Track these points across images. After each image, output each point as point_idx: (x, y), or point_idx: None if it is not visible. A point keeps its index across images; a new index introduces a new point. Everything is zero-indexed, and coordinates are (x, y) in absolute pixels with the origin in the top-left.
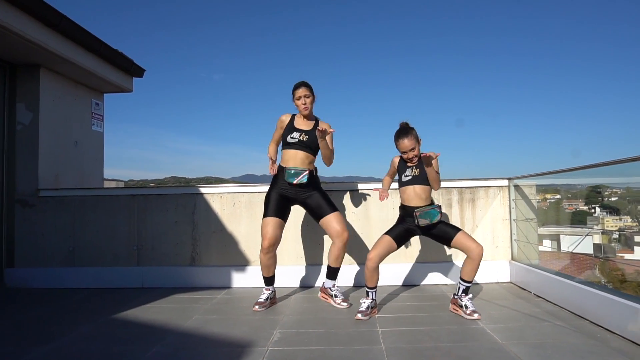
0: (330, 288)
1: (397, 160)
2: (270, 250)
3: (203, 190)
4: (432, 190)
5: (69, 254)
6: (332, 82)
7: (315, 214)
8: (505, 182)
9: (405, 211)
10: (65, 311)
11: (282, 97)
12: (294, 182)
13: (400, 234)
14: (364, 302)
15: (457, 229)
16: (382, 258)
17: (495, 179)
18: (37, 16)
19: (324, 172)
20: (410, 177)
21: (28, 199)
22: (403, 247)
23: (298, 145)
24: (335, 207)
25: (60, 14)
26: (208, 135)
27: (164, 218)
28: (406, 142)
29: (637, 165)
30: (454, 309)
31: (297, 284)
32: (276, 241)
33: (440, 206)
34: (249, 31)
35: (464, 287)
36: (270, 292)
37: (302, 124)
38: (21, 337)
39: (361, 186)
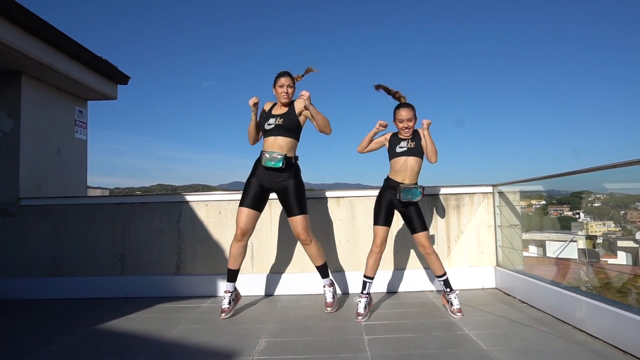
0: (323, 287)
1: (389, 135)
2: (242, 239)
3: (188, 198)
4: (430, 162)
5: (51, 263)
6: (323, 88)
7: (285, 209)
8: (490, 189)
9: (390, 183)
10: (47, 322)
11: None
12: (270, 165)
13: (385, 216)
14: (360, 302)
15: (424, 228)
16: (384, 244)
17: (480, 185)
18: (19, 23)
19: (313, 179)
20: (405, 149)
21: (8, 208)
22: (390, 254)
23: (276, 131)
24: (304, 208)
25: (43, 20)
26: (196, 142)
27: (148, 227)
28: (405, 112)
29: (619, 172)
30: (443, 300)
31: (284, 292)
32: (249, 231)
33: (423, 188)
34: (240, 38)
35: (442, 281)
36: (230, 294)
37: (278, 109)
38: (1, 350)
39: (349, 193)
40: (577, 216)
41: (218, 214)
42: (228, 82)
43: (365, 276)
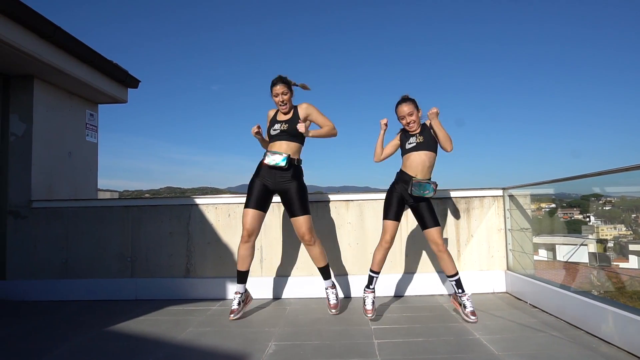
0: (326, 289)
1: (399, 134)
2: (249, 240)
3: (198, 200)
4: (446, 151)
5: (62, 265)
6: (330, 90)
7: (288, 210)
8: (500, 192)
9: (402, 176)
10: (57, 324)
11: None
12: (273, 164)
13: (396, 211)
14: (368, 297)
15: (436, 223)
16: (394, 239)
17: (490, 188)
18: (31, 27)
19: (321, 182)
20: (414, 144)
21: (20, 210)
22: (400, 257)
23: (281, 136)
24: (307, 209)
25: (54, 25)
26: (204, 145)
27: (158, 229)
28: (404, 107)
29: (630, 175)
30: (454, 303)
31: (293, 295)
32: (255, 231)
33: (436, 184)
34: (248, 41)
35: (454, 282)
36: (240, 295)
37: (282, 115)
38: (12, 352)
39: (357, 196)
40: (588, 219)
41: (227, 216)
42: (236, 85)
43: (372, 270)
